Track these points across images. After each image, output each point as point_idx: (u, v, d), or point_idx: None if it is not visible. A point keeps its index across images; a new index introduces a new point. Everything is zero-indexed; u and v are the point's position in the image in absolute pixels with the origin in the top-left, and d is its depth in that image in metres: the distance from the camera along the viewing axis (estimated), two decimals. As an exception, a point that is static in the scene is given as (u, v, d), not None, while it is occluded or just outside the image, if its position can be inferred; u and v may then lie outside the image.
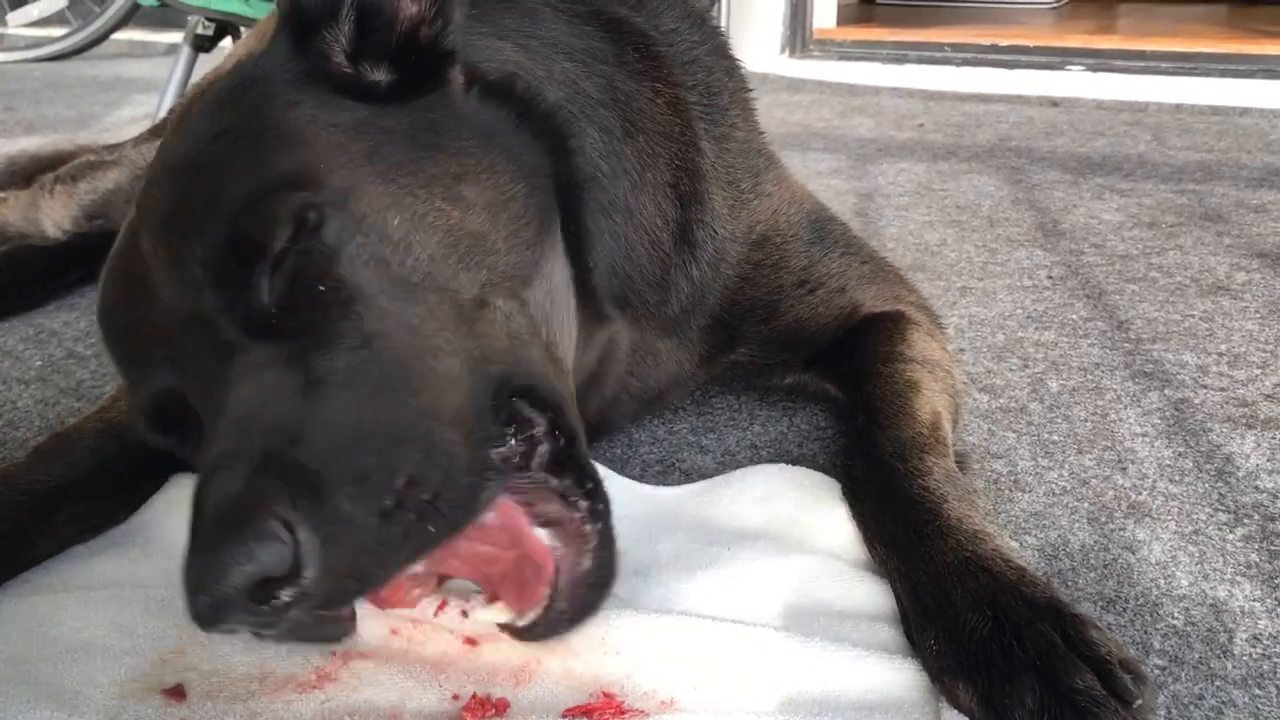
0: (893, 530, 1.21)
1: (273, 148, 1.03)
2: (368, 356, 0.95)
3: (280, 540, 0.82)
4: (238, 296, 0.97)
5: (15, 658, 1.11)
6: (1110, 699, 0.95)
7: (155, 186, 1.07)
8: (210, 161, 1.03)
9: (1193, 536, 1.33)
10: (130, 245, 1.08)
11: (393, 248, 1.01)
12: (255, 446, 0.89)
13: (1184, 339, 1.93)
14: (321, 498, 0.85)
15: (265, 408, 0.92)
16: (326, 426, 0.90)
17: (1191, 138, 3.62)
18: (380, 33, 1.13)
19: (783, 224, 1.56)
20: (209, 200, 1.00)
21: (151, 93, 4.52)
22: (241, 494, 0.85)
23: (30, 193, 2.45)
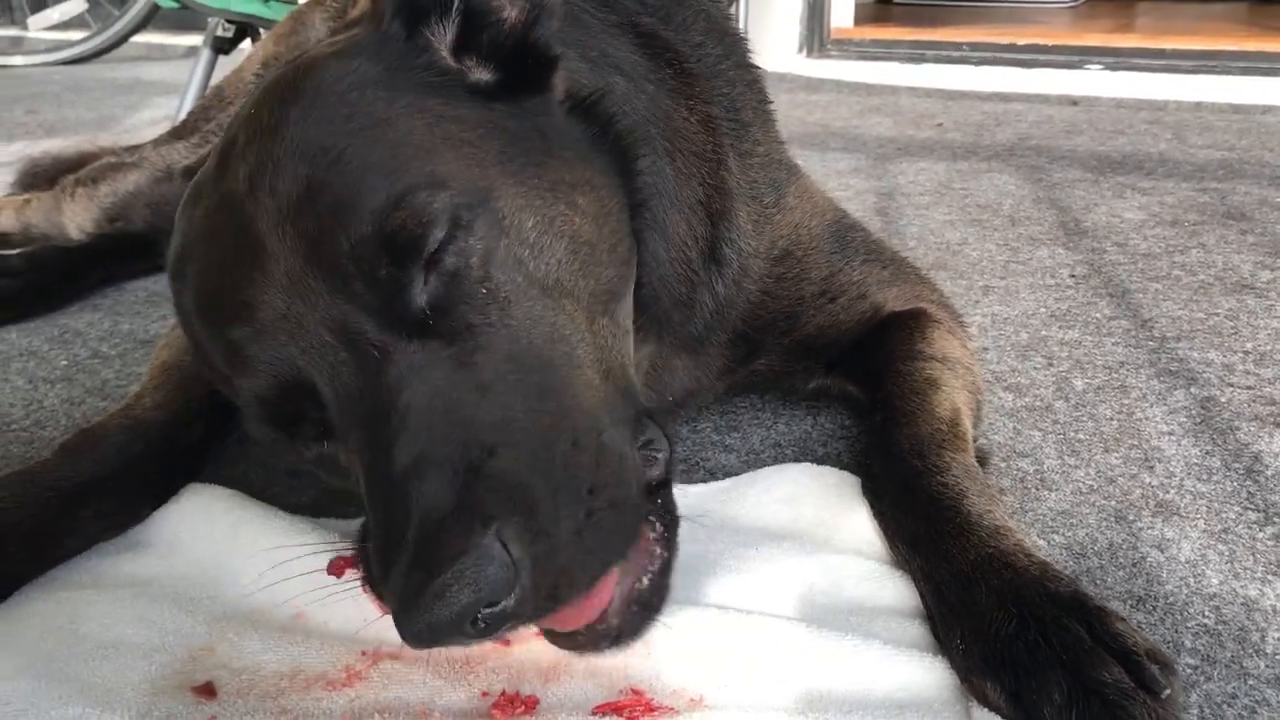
0: (913, 528, 1.21)
1: (406, 142, 1.01)
2: (527, 361, 0.95)
3: (503, 564, 0.82)
4: (391, 295, 0.95)
5: (46, 654, 1.11)
6: (1138, 691, 0.95)
7: (271, 162, 0.99)
8: (345, 149, 0.98)
9: (1222, 535, 1.32)
10: (232, 218, 1.01)
11: (530, 250, 1.00)
12: (454, 455, 0.87)
13: (1209, 337, 1.91)
14: (531, 513, 0.85)
15: (449, 413, 0.90)
16: (516, 434, 0.89)
17: (1213, 136, 3.60)
18: (488, 30, 1.12)
19: (804, 237, 1.55)
20: (352, 192, 0.96)
21: (171, 95, 4.54)
22: (457, 510, 0.84)
23: (53, 195, 2.47)
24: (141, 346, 2.01)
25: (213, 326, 1.05)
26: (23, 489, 1.28)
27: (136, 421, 1.40)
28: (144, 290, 2.36)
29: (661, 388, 1.45)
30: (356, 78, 1.05)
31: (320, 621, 1.17)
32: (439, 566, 0.80)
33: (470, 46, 1.12)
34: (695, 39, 1.50)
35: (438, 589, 0.80)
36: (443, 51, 1.11)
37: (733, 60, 1.55)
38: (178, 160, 2.36)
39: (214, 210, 1.05)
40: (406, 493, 0.87)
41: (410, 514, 0.85)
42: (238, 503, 1.33)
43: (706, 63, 1.49)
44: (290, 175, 0.98)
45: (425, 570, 0.81)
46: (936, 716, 1.02)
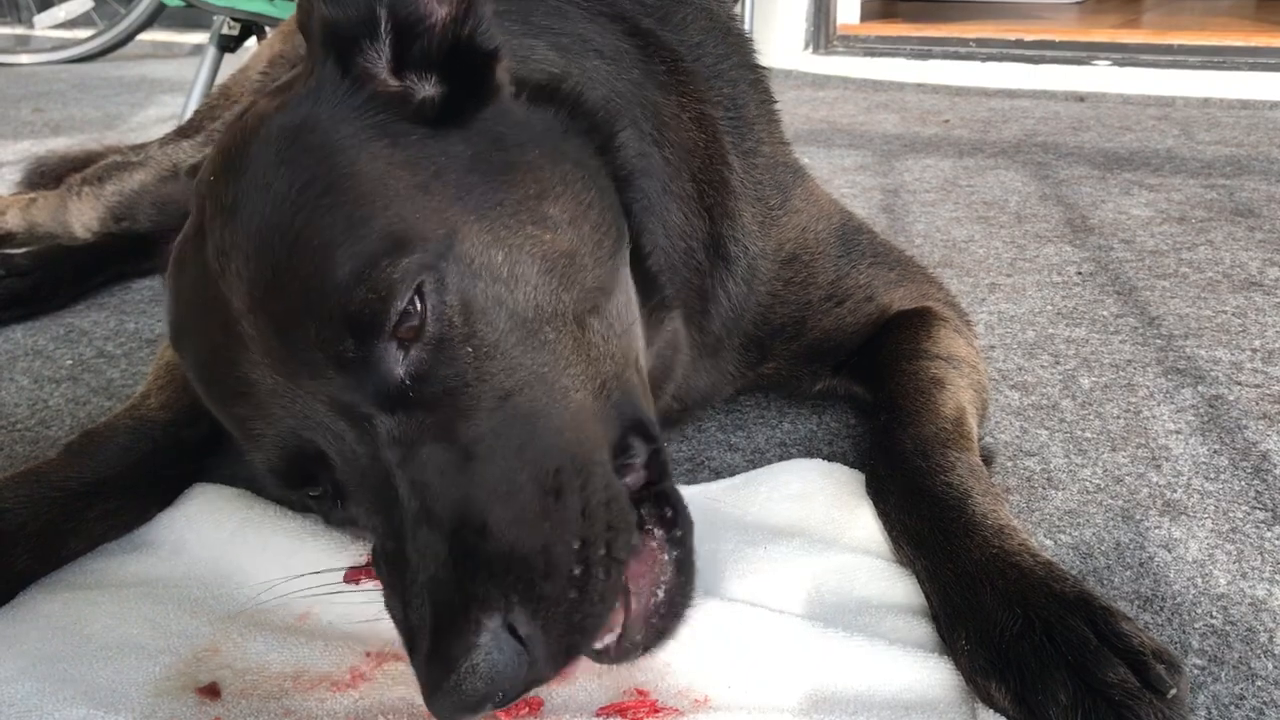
0: (917, 529, 1.20)
1: (361, 203, 0.97)
2: (510, 414, 0.95)
3: (514, 651, 0.85)
4: (366, 371, 0.94)
5: (50, 655, 1.11)
6: (1144, 691, 0.94)
7: (235, 246, 0.97)
8: (300, 226, 0.95)
9: (1230, 534, 1.31)
10: (212, 299, 1.00)
11: (503, 286, 0.98)
12: (449, 538, 0.88)
13: (1217, 335, 1.91)
14: (530, 588, 0.87)
15: (439, 491, 0.91)
16: (503, 506, 0.90)
17: (1220, 132, 3.59)
18: (420, 40, 1.07)
19: (811, 241, 1.54)
20: (312, 273, 0.93)
21: (177, 93, 4.55)
22: (462, 600, 0.86)
23: (59, 194, 2.47)
24: (147, 345, 2.01)
25: (216, 401, 1.06)
26: (28, 490, 1.28)
27: (142, 421, 1.40)
28: (149, 289, 2.36)
29: (684, 393, 1.45)
30: (302, 138, 1.01)
31: (325, 622, 1.17)
32: (453, 662, 0.84)
33: (408, 61, 1.08)
34: (694, 38, 1.49)
35: (455, 684, 0.83)
36: (382, 75, 1.06)
37: (735, 60, 1.54)
38: (183, 159, 2.36)
39: (197, 284, 1.03)
40: (414, 577, 0.89)
41: (421, 600, 0.88)
42: (245, 503, 1.33)
43: (705, 62, 1.48)
44: (253, 260, 0.96)
45: (442, 665, 0.84)
46: (943, 717, 1.01)
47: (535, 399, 0.96)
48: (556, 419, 0.96)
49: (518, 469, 0.92)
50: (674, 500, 1.05)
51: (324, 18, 1.05)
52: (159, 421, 1.41)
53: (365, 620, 1.16)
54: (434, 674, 0.85)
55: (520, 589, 0.86)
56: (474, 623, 0.84)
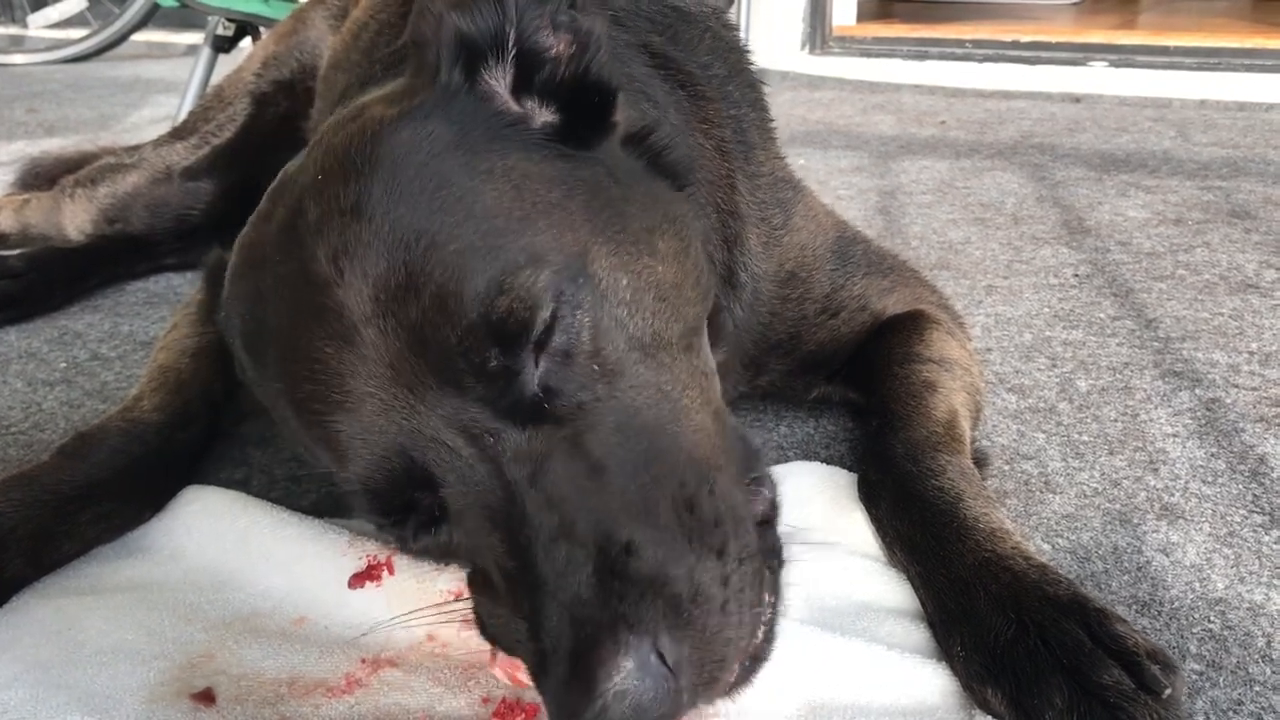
0: (910, 534, 1.20)
1: (497, 213, 0.96)
2: (638, 431, 0.93)
3: (662, 678, 0.81)
4: (503, 384, 0.91)
5: (43, 661, 1.11)
6: (1139, 693, 0.94)
7: (359, 249, 0.94)
8: (435, 231, 0.93)
9: (1227, 539, 1.31)
10: (318, 301, 0.95)
11: (627, 310, 0.97)
12: (592, 555, 0.85)
13: (1214, 337, 1.90)
14: (677, 612, 0.84)
15: (577, 507, 0.88)
16: (647, 522, 0.87)
17: (1217, 134, 3.59)
18: (542, 67, 1.07)
19: (809, 259, 1.54)
20: (452, 279, 0.91)
21: (171, 93, 4.54)
22: (609, 620, 0.82)
23: (52, 195, 2.47)
24: (141, 348, 2.00)
25: (312, 416, 0.98)
26: (20, 493, 1.27)
27: (134, 424, 1.39)
28: (144, 292, 2.35)
29: None
30: (433, 144, 0.99)
31: (321, 628, 1.16)
32: (597, 686, 0.79)
33: (529, 87, 1.07)
34: (703, 58, 1.48)
35: (600, 710, 0.79)
36: (503, 95, 1.06)
37: (738, 80, 1.53)
38: (177, 161, 2.35)
39: (292, 289, 0.98)
40: (551, 595, 0.85)
41: (560, 618, 0.84)
42: (242, 507, 1.32)
43: (713, 84, 1.47)
44: (385, 263, 0.92)
45: (584, 688, 0.80)
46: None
47: (660, 416, 0.95)
48: (683, 438, 0.95)
49: (652, 486, 0.90)
50: (778, 543, 1.04)
51: (457, 29, 1.04)
52: (152, 424, 1.40)
53: (360, 626, 1.16)
54: (574, 699, 0.81)
55: (669, 613, 0.83)
56: (623, 645, 0.80)
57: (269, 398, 1.05)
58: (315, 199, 0.98)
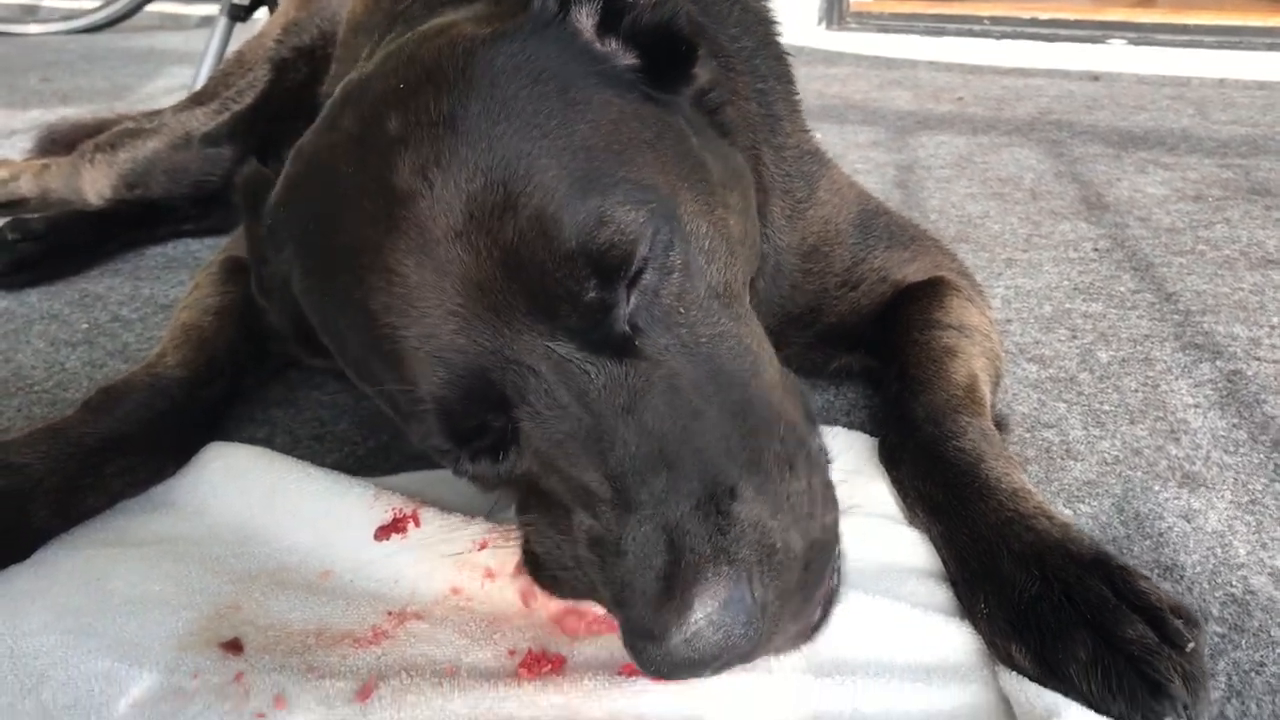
0: (932, 494, 1.21)
1: (601, 144, 0.96)
2: (723, 378, 0.94)
3: (754, 616, 0.83)
4: (595, 315, 0.91)
5: (73, 609, 1.12)
6: (1163, 645, 0.95)
7: (453, 164, 0.92)
8: (537, 154, 0.92)
9: (1249, 506, 1.31)
10: (399, 219, 0.93)
11: (706, 259, 0.98)
12: (697, 493, 0.86)
13: (1234, 311, 1.90)
14: (773, 558, 0.86)
15: (675, 445, 0.88)
16: (745, 467, 0.89)
17: (1236, 112, 3.56)
18: (627, 12, 1.06)
19: (832, 233, 1.54)
20: (552, 205, 0.90)
21: (186, 64, 4.53)
22: (713, 554, 0.84)
23: (71, 160, 2.47)
24: (162, 311, 2.01)
25: (384, 329, 0.95)
26: (46, 445, 1.28)
27: (158, 379, 1.40)
28: (163, 256, 2.36)
29: None
30: (531, 67, 0.98)
31: (347, 581, 1.17)
32: (689, 610, 0.81)
33: (613, 29, 1.06)
34: (731, 30, 1.47)
35: (690, 635, 0.81)
36: (590, 33, 1.05)
37: (765, 53, 1.52)
38: (197, 127, 2.35)
39: (369, 199, 0.95)
40: (651, 520, 0.86)
41: (657, 542, 0.85)
42: (267, 463, 1.33)
43: (741, 56, 1.46)
44: (481, 180, 0.91)
45: (677, 610, 0.82)
46: (963, 680, 1.02)
47: (743, 367, 0.97)
48: (768, 392, 0.97)
49: (750, 436, 0.91)
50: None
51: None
52: (176, 379, 1.41)
53: (386, 579, 1.16)
54: (666, 616, 0.82)
55: (765, 559, 0.85)
56: (723, 576, 0.82)
57: (327, 309, 1.03)
58: (398, 109, 0.96)
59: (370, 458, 1.48)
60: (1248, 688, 1.03)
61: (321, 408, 1.62)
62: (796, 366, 1.59)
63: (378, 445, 1.51)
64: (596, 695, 1.00)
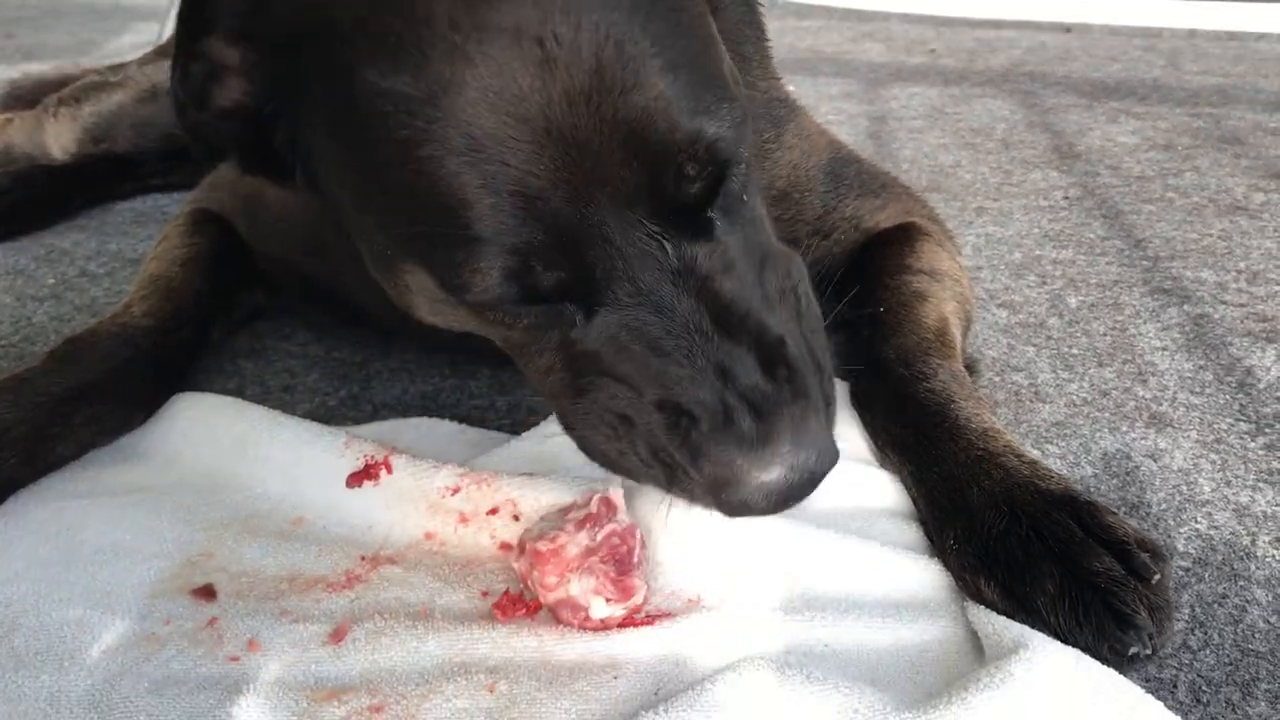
0: (902, 435, 1.22)
1: (699, 38, 0.97)
2: (767, 255, 1.01)
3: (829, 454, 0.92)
4: (691, 204, 0.93)
5: (44, 559, 1.11)
6: (1129, 578, 0.96)
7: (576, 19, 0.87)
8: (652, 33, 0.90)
9: (1214, 445, 1.33)
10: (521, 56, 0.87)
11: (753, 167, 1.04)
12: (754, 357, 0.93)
13: (1202, 257, 1.91)
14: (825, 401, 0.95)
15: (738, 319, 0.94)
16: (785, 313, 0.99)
17: (1207, 63, 3.57)
18: None
19: (802, 179, 1.53)
20: (671, 90, 0.89)
21: (151, 20, 4.46)
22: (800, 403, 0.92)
23: (35, 114, 2.43)
24: (129, 265, 1.99)
25: (467, 161, 0.88)
26: (13, 395, 1.27)
27: (125, 329, 1.39)
28: (130, 211, 2.33)
29: None
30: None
31: (320, 527, 1.17)
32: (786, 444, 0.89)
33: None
34: None
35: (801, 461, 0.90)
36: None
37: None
38: (163, 80, 2.31)
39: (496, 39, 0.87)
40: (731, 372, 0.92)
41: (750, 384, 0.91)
42: (236, 414, 1.32)
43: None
44: (595, 44, 0.87)
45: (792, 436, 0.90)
46: (932, 615, 1.03)
47: (775, 253, 1.04)
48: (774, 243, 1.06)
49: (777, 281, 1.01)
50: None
51: None
52: (142, 328, 1.40)
53: (359, 525, 1.17)
54: (765, 455, 0.89)
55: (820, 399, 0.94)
56: (817, 411, 0.92)
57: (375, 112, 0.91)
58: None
59: (341, 408, 1.47)
60: (1210, 619, 1.04)
61: (291, 358, 1.61)
62: None
63: (348, 395, 1.50)
64: (569, 639, 1.00)
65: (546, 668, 0.97)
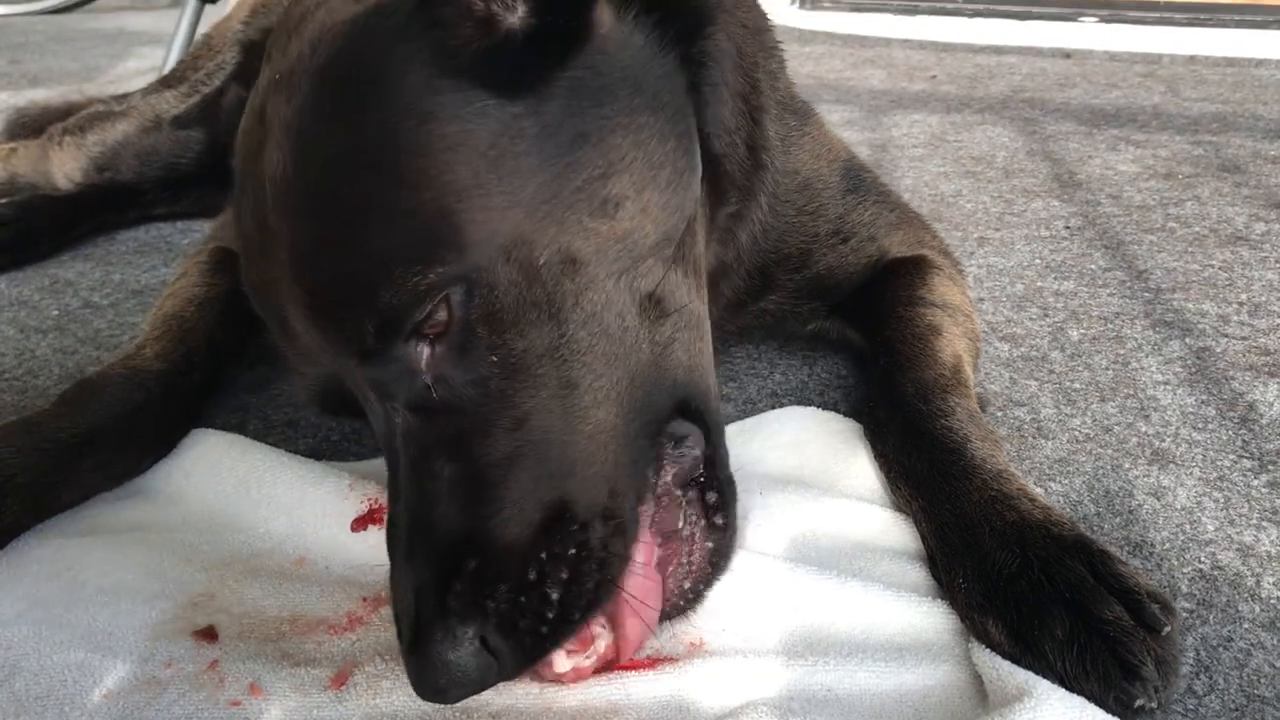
0: (916, 470, 1.21)
1: (409, 191, 0.92)
2: (524, 440, 0.94)
3: (484, 662, 0.90)
4: (387, 365, 0.95)
5: (45, 600, 1.11)
6: (1139, 629, 0.95)
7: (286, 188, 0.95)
8: (339, 191, 0.93)
9: (1217, 483, 1.33)
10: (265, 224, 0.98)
11: (541, 288, 0.94)
12: (440, 560, 0.92)
13: (1204, 289, 1.92)
14: (511, 608, 0.91)
15: (441, 515, 0.93)
16: (500, 535, 0.92)
17: (1206, 89, 3.59)
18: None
19: (824, 170, 1.54)
20: (344, 257, 0.93)
21: (156, 45, 4.49)
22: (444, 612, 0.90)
23: (40, 144, 2.44)
24: (134, 296, 2.00)
25: (265, 317, 1.06)
26: (20, 440, 1.25)
27: (136, 371, 1.38)
28: (134, 240, 2.34)
29: None
30: (364, 76, 0.95)
31: (322, 568, 1.17)
32: (429, 662, 0.89)
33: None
34: None
35: (432, 681, 0.89)
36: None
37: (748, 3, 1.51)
38: (167, 110, 2.33)
39: (255, 198, 1.00)
40: (404, 577, 0.94)
41: (409, 600, 0.92)
42: (242, 452, 1.32)
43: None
44: (305, 209, 0.95)
45: (420, 661, 0.90)
46: (936, 659, 1.02)
47: (551, 424, 0.95)
48: (571, 448, 0.96)
49: (522, 502, 0.93)
50: (720, 489, 1.08)
51: None
52: (154, 371, 1.39)
53: (361, 566, 1.16)
54: (416, 669, 0.90)
55: (498, 609, 0.90)
56: (451, 634, 0.89)
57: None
58: (269, 101, 1.00)
59: (344, 443, 1.47)
60: (1215, 662, 1.04)
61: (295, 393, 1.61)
62: (777, 322, 1.61)
63: (352, 430, 1.50)
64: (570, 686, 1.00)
65: (548, 714, 0.97)
